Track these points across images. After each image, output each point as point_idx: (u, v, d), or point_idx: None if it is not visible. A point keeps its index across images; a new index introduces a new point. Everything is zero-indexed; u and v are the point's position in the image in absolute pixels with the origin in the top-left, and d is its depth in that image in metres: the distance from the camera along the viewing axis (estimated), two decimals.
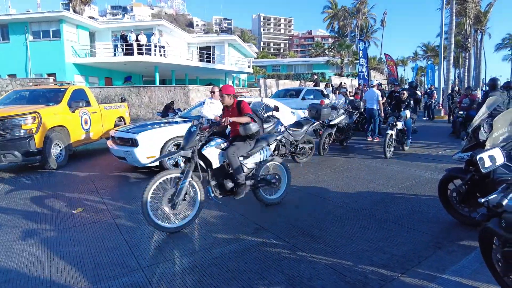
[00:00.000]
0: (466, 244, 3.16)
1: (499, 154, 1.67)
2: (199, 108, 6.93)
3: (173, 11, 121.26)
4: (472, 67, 34.28)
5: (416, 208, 4.16)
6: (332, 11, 48.53)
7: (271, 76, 36.90)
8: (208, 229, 3.62)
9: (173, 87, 16.86)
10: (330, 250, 3.07)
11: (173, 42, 24.54)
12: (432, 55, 53.15)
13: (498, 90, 7.55)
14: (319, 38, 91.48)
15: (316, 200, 4.59)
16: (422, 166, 6.40)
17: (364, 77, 18.58)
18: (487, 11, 30.91)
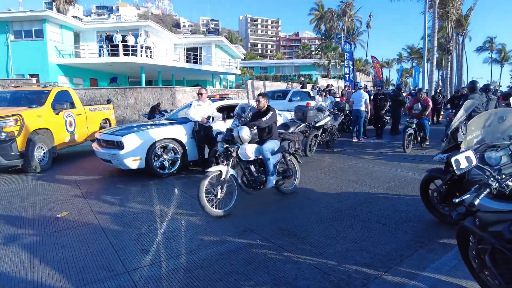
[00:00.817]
0: (446, 242, 3.26)
1: (472, 156, 1.74)
2: (186, 109, 6.92)
3: (159, 12, 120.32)
4: (454, 69, 35.15)
5: (398, 208, 4.27)
6: (318, 13, 49.03)
7: (259, 77, 36.98)
8: (194, 232, 3.64)
9: (159, 88, 16.74)
10: (315, 250, 3.13)
11: (160, 43, 24.35)
12: (416, 57, 54.23)
13: (477, 92, 7.76)
14: (306, 40, 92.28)
15: (302, 201, 4.65)
16: (405, 167, 6.55)
17: (350, 79, 18.84)
18: (468, 15, 31.76)
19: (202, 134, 6.20)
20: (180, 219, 4.03)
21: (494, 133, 2.07)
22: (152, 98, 15.86)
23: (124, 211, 4.32)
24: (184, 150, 6.27)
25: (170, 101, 15.83)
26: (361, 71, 42.62)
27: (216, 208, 3.96)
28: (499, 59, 54.79)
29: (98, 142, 6.39)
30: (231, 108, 7.18)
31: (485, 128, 2.06)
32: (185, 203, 4.67)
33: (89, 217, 4.10)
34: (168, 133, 6.16)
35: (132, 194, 5.12)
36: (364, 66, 46.47)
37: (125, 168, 5.93)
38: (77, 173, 6.54)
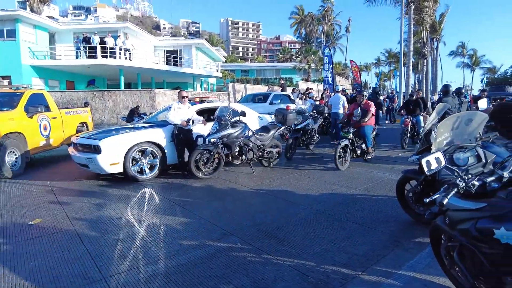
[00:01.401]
0: (421, 241, 3.36)
1: (441, 157, 1.82)
2: (165, 112, 6.85)
3: (139, 13, 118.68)
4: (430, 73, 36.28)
5: (375, 208, 4.37)
6: (299, 17, 49.59)
7: (240, 80, 36.98)
8: (173, 236, 3.60)
9: (138, 91, 16.49)
10: (294, 252, 3.16)
11: (139, 45, 24.00)
12: (394, 61, 55.67)
13: (450, 95, 8.08)
14: (286, 44, 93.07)
15: (282, 203, 4.68)
16: (383, 168, 6.71)
17: (329, 83, 19.14)
18: (441, 21, 32.97)
19: (182, 137, 6.15)
20: (158, 224, 3.98)
21: (462, 135, 2.17)
22: (131, 101, 15.61)
23: (101, 217, 4.22)
24: (163, 154, 6.20)
25: (149, 104, 15.62)
26: (341, 74, 43.36)
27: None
28: (471, 64, 57.00)
29: (75, 146, 6.22)
30: (212, 111, 7.17)
31: (454, 130, 2.15)
32: (164, 207, 4.61)
33: (65, 224, 3.99)
34: (147, 137, 6.07)
35: (109, 199, 5.01)
36: (343, 69, 47.29)
37: (102, 172, 5.80)
38: (52, 178, 6.34)
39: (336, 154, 6.45)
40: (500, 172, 1.85)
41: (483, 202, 1.76)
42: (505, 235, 1.59)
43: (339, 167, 6.48)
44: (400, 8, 20.18)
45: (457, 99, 8.10)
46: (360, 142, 7.00)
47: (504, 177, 1.85)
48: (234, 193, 5.23)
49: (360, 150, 6.99)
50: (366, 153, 7.11)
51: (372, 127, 7.15)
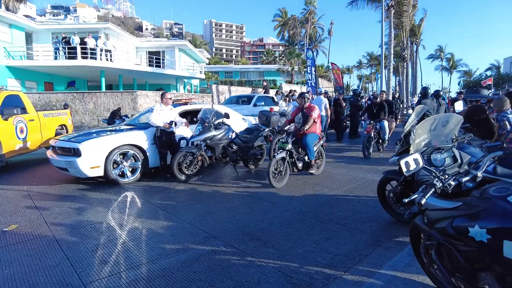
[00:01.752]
0: (402, 240, 3.43)
1: (419, 158, 1.86)
2: (147, 114, 6.75)
3: (121, 14, 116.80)
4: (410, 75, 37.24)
5: (357, 209, 4.44)
6: (282, 20, 49.93)
7: (224, 82, 36.92)
8: (156, 240, 3.54)
9: (120, 92, 16.19)
10: (278, 254, 3.17)
11: (121, 46, 23.60)
12: (375, 64, 56.83)
13: (428, 97, 8.31)
14: (270, 46, 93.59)
15: (265, 205, 4.69)
16: (365, 169, 6.83)
17: (312, 85, 19.32)
18: (420, 25, 33.95)
19: (164, 139, 6.08)
20: (141, 228, 3.91)
21: (439, 137, 2.23)
22: (113, 103, 15.32)
23: (81, 222, 4.12)
24: (145, 157, 6.11)
25: (131, 106, 15.37)
26: (323, 77, 43.93)
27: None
28: (448, 67, 58.81)
29: (53, 149, 6.05)
30: (195, 113, 7.12)
31: (431, 132, 2.21)
32: (146, 211, 4.54)
33: (42, 229, 3.86)
34: (128, 139, 5.97)
35: (90, 203, 4.89)
36: (326, 72, 47.94)
37: (82, 176, 5.66)
38: (29, 182, 6.14)
39: (270, 169, 5.36)
40: (474, 172, 1.92)
41: (459, 201, 1.82)
42: (479, 232, 1.64)
43: (273, 184, 5.39)
44: (381, 12, 20.62)
45: (435, 101, 8.34)
46: (303, 153, 5.96)
47: (478, 177, 1.91)
48: (217, 196, 5.20)
49: (302, 163, 5.90)
50: (309, 166, 5.97)
51: (315, 136, 6.02)
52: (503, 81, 39.46)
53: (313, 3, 47.80)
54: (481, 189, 1.78)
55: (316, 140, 6.04)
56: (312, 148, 5.84)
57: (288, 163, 5.68)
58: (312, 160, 5.92)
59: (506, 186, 1.73)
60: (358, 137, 11.83)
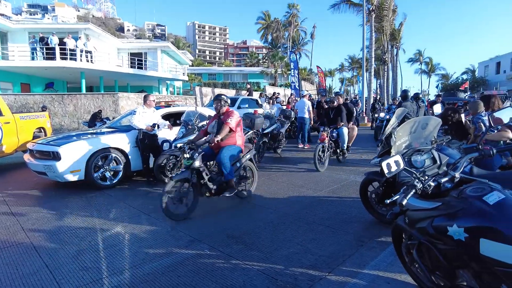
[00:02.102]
0: (384, 240, 3.50)
1: (400, 160, 1.91)
2: (129, 117, 6.64)
3: (101, 15, 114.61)
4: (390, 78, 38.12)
5: (341, 210, 4.50)
6: (265, 23, 50.22)
7: (207, 84, 36.73)
8: (139, 245, 3.48)
9: (101, 94, 15.88)
10: (262, 256, 3.17)
11: (102, 47, 23.16)
12: (357, 67, 57.81)
13: (408, 100, 8.52)
14: (253, 48, 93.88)
15: (249, 207, 4.69)
16: (347, 170, 6.93)
17: (296, 88, 19.50)
18: (400, 29, 34.82)
19: (147, 142, 5.99)
20: (123, 233, 3.84)
21: (419, 139, 2.30)
22: (93, 105, 15.00)
23: (61, 227, 4.00)
24: (127, 160, 6.01)
25: (112, 108, 15.09)
26: (306, 80, 44.35)
27: None
28: (427, 71, 60.50)
29: (31, 153, 5.87)
30: (178, 115, 7.06)
31: (411, 134, 2.28)
32: (129, 215, 4.46)
33: (19, 236, 3.73)
34: (110, 142, 5.86)
35: (70, 208, 4.76)
36: (308, 75, 48.41)
37: (62, 180, 5.51)
38: (5, 187, 5.93)
39: (164, 199, 4.01)
40: (452, 173, 1.98)
41: (438, 201, 1.88)
42: (457, 231, 1.70)
43: (174, 218, 4.08)
44: (362, 16, 21.04)
45: (415, 104, 8.55)
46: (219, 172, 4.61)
47: (456, 178, 1.98)
48: (201, 199, 5.15)
49: (216, 185, 4.47)
50: (223, 189, 4.54)
51: (235, 149, 4.65)
52: (478, 85, 40.88)
53: (296, 7, 48.36)
54: (458, 189, 1.85)
55: (236, 153, 4.63)
56: (227, 164, 4.37)
57: (192, 187, 4.27)
58: (231, 180, 4.44)
59: (481, 186, 1.80)
60: None
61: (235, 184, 4.62)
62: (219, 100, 4.78)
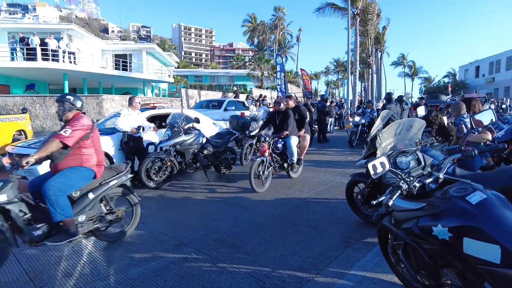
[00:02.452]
0: (370, 241, 3.54)
1: (386, 162, 1.94)
2: (114, 119, 6.53)
3: (85, 15, 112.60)
4: (375, 81, 38.79)
5: (327, 211, 4.52)
6: (251, 25, 50.32)
7: (193, 86, 36.52)
8: (124, 250, 3.42)
9: (84, 96, 15.56)
10: (250, 259, 3.15)
11: (85, 48, 22.72)
12: (342, 70, 58.53)
13: (392, 103, 8.68)
14: (240, 51, 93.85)
15: (237, 210, 4.67)
16: (333, 172, 6.99)
17: (282, 90, 19.60)
18: (384, 33, 35.50)
19: (132, 145, 5.90)
20: None
21: (403, 140, 2.34)
22: None
23: None
24: (111, 163, 5.89)
25: (96, 110, 14.82)
26: (292, 82, 44.65)
27: None
28: (411, 74, 61.78)
29: (11, 156, 5.68)
30: (163, 117, 6.98)
31: (396, 135, 2.31)
32: None
33: None
34: None
35: None
36: (294, 78, 48.75)
37: None
38: None
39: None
40: (436, 174, 2.02)
41: (423, 202, 1.91)
42: (442, 231, 1.73)
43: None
44: (347, 19, 21.34)
45: (399, 106, 8.71)
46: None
47: (440, 178, 2.02)
48: (188, 202, 5.11)
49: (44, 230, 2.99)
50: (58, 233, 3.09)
51: (77, 174, 3.23)
52: (459, 88, 42.01)
53: (282, 10, 48.62)
54: (442, 190, 1.88)
55: (76, 181, 3.25)
56: (56, 198, 2.98)
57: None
58: (66, 221, 3.05)
59: (464, 187, 1.83)
60: (326, 141, 12.17)
61: (77, 227, 3.13)
62: (61, 102, 3.34)
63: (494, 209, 1.67)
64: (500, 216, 1.65)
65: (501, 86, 36.44)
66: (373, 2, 24.68)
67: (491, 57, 39.34)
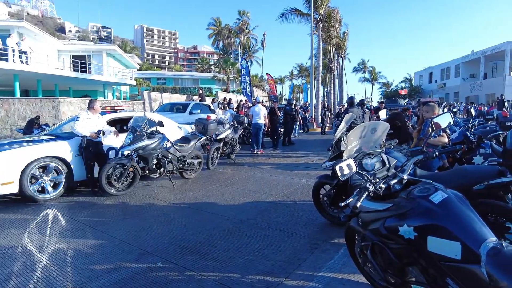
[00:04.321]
0: (337, 242, 3.60)
1: (353, 164, 1.97)
2: (72, 123, 6.17)
3: (38, 13, 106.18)
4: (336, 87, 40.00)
5: (294, 213, 4.56)
6: (216, 28, 50.23)
7: (156, 89, 35.61)
8: (84, 262, 3.20)
9: (39, 99, 14.61)
10: (218, 265, 3.08)
11: (39, 48, 21.40)
12: (305, 75, 59.84)
13: (354, 106, 8.96)
14: (204, 54, 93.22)
15: (204, 216, 4.57)
16: (299, 174, 7.08)
17: (247, 94, 19.67)
18: (344, 39, 36.76)
19: (91, 150, 5.61)
20: (65, 249, 3.51)
21: (368, 143, 2.40)
22: (30, 110, 13.76)
23: None
24: (69, 170, 5.56)
25: (52, 113, 13.97)
26: (258, 86, 44.95)
27: None
28: (370, 79, 64.55)
29: None
30: (125, 121, 6.72)
31: (362, 138, 2.37)
32: (72, 229, 4.11)
33: None
34: (49, 151, 5.38)
35: (1, 225, 4.26)
36: (260, 82, 49.12)
37: None
38: None
39: None
40: (401, 175, 2.09)
41: (389, 202, 1.96)
42: (407, 231, 1.79)
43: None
44: (310, 25, 21.86)
45: (360, 110, 9.02)
46: None
47: (404, 179, 2.09)
48: (152, 209, 4.93)
49: None
50: None
51: None
52: (414, 92, 44.51)
53: (246, 14, 48.99)
54: (407, 190, 1.94)
55: None
56: None
57: None
58: None
59: (427, 187, 1.91)
60: (292, 144, 12.36)
61: None
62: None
63: (454, 208, 1.75)
64: (459, 214, 1.73)
65: (451, 92, 39.15)
66: (335, 9, 25.50)
67: (441, 65, 42.21)
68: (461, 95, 36.50)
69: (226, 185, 6.29)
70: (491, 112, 10.48)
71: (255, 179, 6.74)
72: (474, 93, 34.85)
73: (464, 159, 4.69)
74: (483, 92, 33.71)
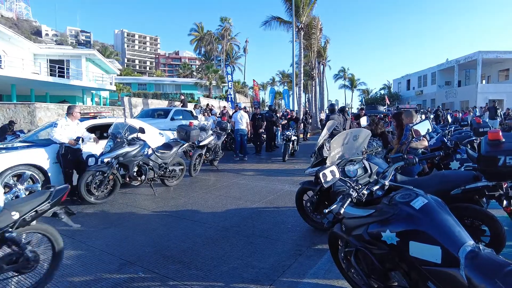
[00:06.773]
0: (321, 248, 3.62)
1: (336, 170, 2.00)
2: (49, 129, 5.98)
3: (13, 15, 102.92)
4: (317, 93, 40.57)
5: (278, 220, 4.56)
6: (198, 34, 50.09)
7: (137, 94, 35.08)
8: (61, 273, 3.09)
9: (13, 104, 14.11)
10: (202, 274, 3.04)
11: (14, 52, 20.77)
12: (287, 81, 60.45)
13: (336, 113, 9.11)
14: (186, 59, 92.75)
15: (186, 224, 4.50)
16: (282, 180, 7.11)
17: (231, 100, 19.68)
18: (325, 47, 37.46)
19: (70, 157, 5.44)
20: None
21: (351, 149, 2.44)
22: (3, 116, 13.27)
23: None
24: (46, 178, 5.37)
25: (28, 119, 13.51)
26: (240, 92, 45.03)
27: None
28: (350, 86, 65.86)
29: None
30: (105, 127, 6.57)
31: (344, 145, 2.41)
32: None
33: None
34: (24, 158, 5.18)
35: None
36: (242, 88, 49.23)
37: None
38: None
39: None
40: (382, 181, 2.13)
41: (372, 208, 2.00)
42: (390, 236, 1.82)
43: None
44: (292, 33, 22.15)
45: (342, 116, 9.17)
46: None
47: (385, 185, 2.13)
48: (133, 218, 4.82)
49: None
50: None
51: None
52: (393, 99, 45.66)
53: (228, 20, 49.15)
54: (389, 196, 1.98)
55: None
56: None
57: None
58: None
59: (408, 193, 1.95)
60: (275, 149, 12.45)
61: None
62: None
63: (434, 213, 1.80)
64: (439, 219, 1.78)
65: (428, 98, 40.41)
66: (316, 18, 25.98)
67: (419, 72, 43.54)
68: (437, 102, 37.71)
69: (209, 192, 6.23)
70: (466, 119, 10.92)
71: (239, 185, 6.71)
72: (450, 100, 36.10)
73: (442, 164, 4.84)
74: (457, 99, 34.98)
